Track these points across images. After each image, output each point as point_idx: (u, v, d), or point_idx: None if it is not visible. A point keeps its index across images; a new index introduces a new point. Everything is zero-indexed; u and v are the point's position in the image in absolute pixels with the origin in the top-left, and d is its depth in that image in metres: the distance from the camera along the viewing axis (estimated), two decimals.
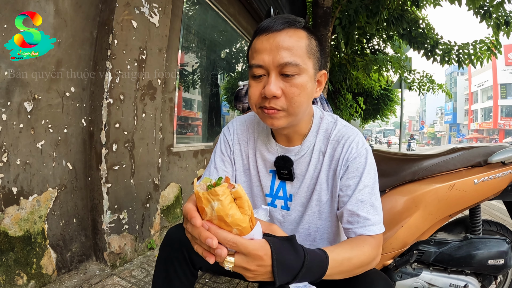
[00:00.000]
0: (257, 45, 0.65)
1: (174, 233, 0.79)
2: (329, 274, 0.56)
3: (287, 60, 0.62)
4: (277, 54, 0.62)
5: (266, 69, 0.64)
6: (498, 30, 3.78)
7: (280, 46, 0.62)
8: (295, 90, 0.63)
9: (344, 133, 0.74)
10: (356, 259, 0.61)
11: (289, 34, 0.64)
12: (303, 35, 0.65)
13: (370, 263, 0.64)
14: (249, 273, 0.50)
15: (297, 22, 0.66)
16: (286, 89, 0.63)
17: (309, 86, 0.65)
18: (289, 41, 0.63)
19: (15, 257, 1.27)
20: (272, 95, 0.63)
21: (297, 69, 0.63)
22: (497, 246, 1.04)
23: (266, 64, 0.63)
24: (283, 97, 0.64)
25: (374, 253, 0.65)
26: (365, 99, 8.30)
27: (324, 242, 0.79)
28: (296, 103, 0.64)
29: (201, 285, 1.54)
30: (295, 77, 0.63)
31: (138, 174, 1.79)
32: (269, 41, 0.63)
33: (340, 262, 0.58)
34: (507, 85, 31.57)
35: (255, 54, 0.65)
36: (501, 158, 1.04)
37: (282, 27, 0.64)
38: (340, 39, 4.45)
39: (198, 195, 0.47)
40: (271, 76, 0.63)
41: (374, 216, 0.68)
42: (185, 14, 2.77)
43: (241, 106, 1.78)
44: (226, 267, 0.48)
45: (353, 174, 0.70)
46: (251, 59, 0.67)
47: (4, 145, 1.24)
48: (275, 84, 0.63)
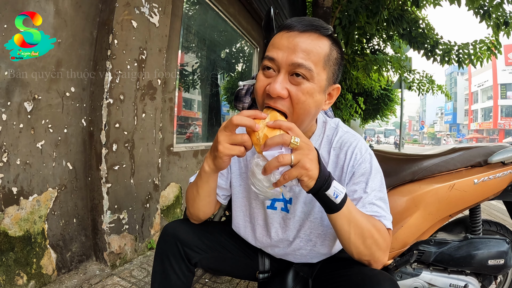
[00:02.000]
0: (276, 40, 0.64)
1: (170, 229, 0.79)
2: (346, 214, 0.61)
3: (301, 62, 0.60)
4: (293, 53, 0.60)
5: (277, 65, 0.62)
6: (498, 30, 3.78)
7: (298, 47, 0.60)
8: (301, 96, 0.61)
9: (346, 139, 0.74)
10: (368, 223, 0.64)
11: (311, 38, 0.62)
12: (326, 43, 0.63)
13: (376, 238, 0.64)
14: (306, 172, 0.54)
15: (323, 28, 0.63)
16: (292, 92, 0.61)
17: (316, 95, 0.63)
18: (308, 44, 0.61)
19: (15, 257, 1.27)
20: (277, 95, 0.61)
21: (309, 73, 0.61)
22: (497, 246, 1.04)
23: (278, 60, 0.61)
24: (289, 99, 0.62)
25: (379, 234, 0.65)
26: (365, 99, 8.29)
27: (325, 249, 0.79)
28: (301, 109, 0.62)
29: (201, 285, 1.53)
30: (304, 82, 0.61)
31: (138, 174, 1.79)
32: (288, 39, 0.62)
33: (356, 211, 0.63)
34: (507, 85, 31.57)
35: (271, 48, 0.64)
36: (501, 158, 1.04)
37: (305, 29, 0.62)
38: (340, 39, 4.45)
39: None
40: (280, 74, 0.61)
41: (384, 213, 0.68)
42: (185, 14, 2.77)
43: (241, 106, 1.78)
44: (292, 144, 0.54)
45: (359, 179, 0.70)
46: (267, 51, 0.65)
47: (4, 145, 1.24)
48: (281, 83, 0.61)
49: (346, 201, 0.60)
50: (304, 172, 0.54)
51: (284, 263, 0.87)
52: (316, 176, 0.56)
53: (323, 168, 0.57)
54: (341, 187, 0.60)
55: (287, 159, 0.53)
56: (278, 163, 0.53)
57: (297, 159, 0.54)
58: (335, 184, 0.59)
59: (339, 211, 0.60)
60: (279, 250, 0.84)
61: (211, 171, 0.67)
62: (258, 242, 0.85)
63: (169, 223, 0.82)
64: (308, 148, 0.55)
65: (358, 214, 0.63)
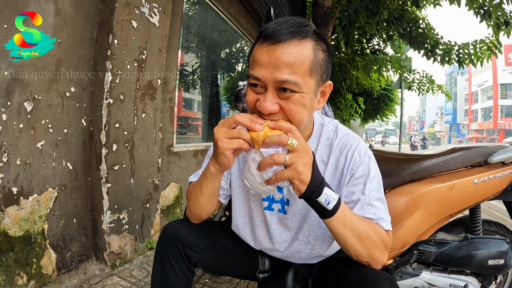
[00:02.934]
0: (257, 55, 0.61)
1: (170, 229, 0.80)
2: (341, 218, 0.61)
3: (285, 78, 0.58)
4: (276, 70, 0.58)
5: (263, 83, 0.60)
6: (498, 30, 3.78)
7: (281, 61, 0.58)
8: (293, 107, 0.60)
9: (346, 142, 0.74)
10: (364, 225, 0.64)
11: (292, 45, 0.58)
12: (309, 47, 0.60)
13: (375, 241, 0.65)
14: (298, 175, 0.55)
15: (303, 29, 0.60)
16: (284, 105, 0.61)
17: (308, 103, 0.62)
18: (290, 56, 0.58)
19: (15, 257, 1.27)
20: (268, 112, 0.60)
21: (296, 87, 0.59)
22: (497, 246, 1.04)
23: (263, 79, 0.59)
24: (281, 111, 0.61)
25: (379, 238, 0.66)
26: (365, 99, 8.30)
27: (324, 250, 0.80)
28: (296, 118, 0.62)
29: (201, 285, 1.53)
30: (293, 94, 0.60)
31: (138, 174, 1.79)
32: (269, 53, 0.58)
33: (351, 214, 0.64)
34: (507, 85, 31.55)
35: (254, 65, 0.61)
36: (501, 158, 1.04)
37: (286, 38, 0.58)
38: (340, 39, 4.45)
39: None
40: (268, 92, 0.60)
41: (381, 215, 0.69)
42: (185, 14, 2.77)
43: (241, 106, 1.78)
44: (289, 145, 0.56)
45: (357, 181, 0.71)
46: (250, 67, 0.63)
47: (4, 145, 1.24)
48: (270, 101, 0.60)
49: (339, 207, 0.61)
50: (296, 175, 0.55)
51: (284, 263, 0.87)
52: (307, 181, 0.57)
53: (315, 174, 0.58)
54: (333, 193, 0.60)
55: (281, 158, 0.55)
56: (272, 160, 0.55)
57: (292, 160, 0.55)
58: (327, 191, 0.59)
59: (333, 216, 0.61)
60: (278, 254, 0.84)
61: (217, 171, 0.68)
62: (257, 243, 0.85)
63: (169, 223, 0.82)
64: (304, 152, 0.56)
65: (354, 218, 0.64)
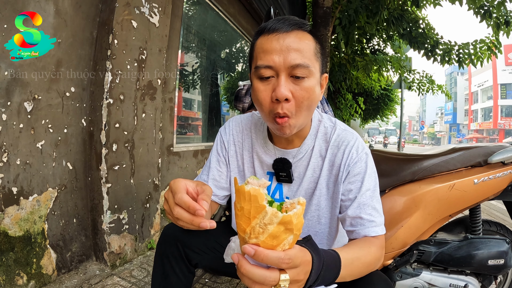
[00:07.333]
0: (265, 45, 0.62)
1: (170, 230, 0.79)
2: (342, 276, 0.55)
3: (299, 62, 0.60)
4: (288, 55, 0.60)
5: (275, 70, 0.61)
6: (498, 29, 3.78)
7: (291, 47, 0.60)
8: (305, 94, 0.61)
9: (344, 138, 0.74)
10: (364, 258, 0.61)
11: (299, 36, 0.62)
12: (310, 38, 0.64)
13: (376, 263, 0.64)
14: (296, 284, 0.46)
15: (305, 24, 0.64)
16: (295, 93, 0.61)
17: (317, 90, 0.64)
18: (299, 43, 0.61)
19: (15, 257, 1.27)
20: (285, 98, 0.60)
21: (308, 71, 0.61)
22: (497, 246, 1.04)
23: (276, 65, 0.60)
24: (293, 101, 0.62)
25: (379, 254, 0.65)
26: (365, 99, 8.30)
27: (323, 247, 0.79)
28: (305, 106, 0.63)
29: (201, 285, 1.53)
30: (305, 80, 0.61)
31: (138, 174, 1.79)
32: (279, 41, 0.60)
33: (350, 261, 0.57)
34: (507, 85, 31.55)
35: (263, 55, 0.62)
36: (501, 158, 1.04)
37: (291, 29, 0.62)
38: (340, 39, 4.45)
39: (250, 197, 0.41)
40: (281, 78, 0.61)
41: (376, 218, 0.68)
42: (185, 14, 2.77)
43: (241, 106, 1.78)
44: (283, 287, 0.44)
45: (354, 178, 0.70)
46: (257, 60, 0.63)
47: (4, 145, 1.24)
48: (285, 86, 0.60)
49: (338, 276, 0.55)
50: None
51: None
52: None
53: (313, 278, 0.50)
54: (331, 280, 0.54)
55: (274, 279, 0.43)
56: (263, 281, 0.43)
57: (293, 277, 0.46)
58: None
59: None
60: None
61: None
62: None
63: (169, 224, 0.82)
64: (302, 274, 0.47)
65: (354, 264, 0.58)
